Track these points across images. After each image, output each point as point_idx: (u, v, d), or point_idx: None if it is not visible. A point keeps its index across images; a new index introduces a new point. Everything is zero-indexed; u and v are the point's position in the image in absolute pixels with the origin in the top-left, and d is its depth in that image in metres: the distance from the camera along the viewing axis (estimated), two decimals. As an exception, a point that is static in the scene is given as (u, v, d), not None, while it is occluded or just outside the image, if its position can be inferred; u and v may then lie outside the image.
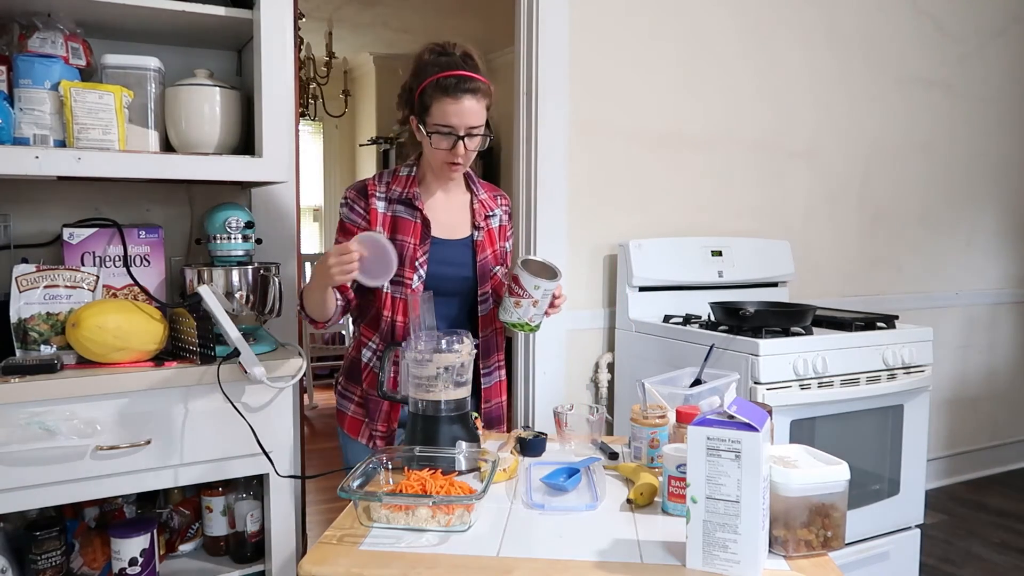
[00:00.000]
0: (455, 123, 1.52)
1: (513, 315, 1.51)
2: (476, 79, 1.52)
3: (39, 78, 1.52)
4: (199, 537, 1.80)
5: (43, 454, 1.43)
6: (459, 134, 1.52)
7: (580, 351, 2.67)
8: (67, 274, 1.60)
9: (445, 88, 1.50)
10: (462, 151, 1.54)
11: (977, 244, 3.58)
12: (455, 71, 1.51)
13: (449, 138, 1.53)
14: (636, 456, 1.40)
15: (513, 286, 1.50)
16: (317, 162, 6.96)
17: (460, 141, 1.53)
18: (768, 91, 2.96)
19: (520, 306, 1.50)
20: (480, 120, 1.54)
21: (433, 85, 1.52)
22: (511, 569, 1.01)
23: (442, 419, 1.37)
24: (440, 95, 1.51)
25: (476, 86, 1.52)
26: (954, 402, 3.56)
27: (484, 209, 1.71)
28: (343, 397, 1.73)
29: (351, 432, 1.70)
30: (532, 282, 1.48)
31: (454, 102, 1.50)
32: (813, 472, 1.04)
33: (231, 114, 1.73)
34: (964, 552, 2.89)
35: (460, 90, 1.50)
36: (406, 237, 1.60)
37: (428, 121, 1.54)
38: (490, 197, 1.74)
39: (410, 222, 1.61)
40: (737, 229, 2.92)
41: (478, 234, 1.68)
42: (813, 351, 2.15)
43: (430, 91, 1.52)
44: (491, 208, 1.72)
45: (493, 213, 1.73)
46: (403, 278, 1.59)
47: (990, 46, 3.50)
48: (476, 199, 1.71)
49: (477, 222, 1.68)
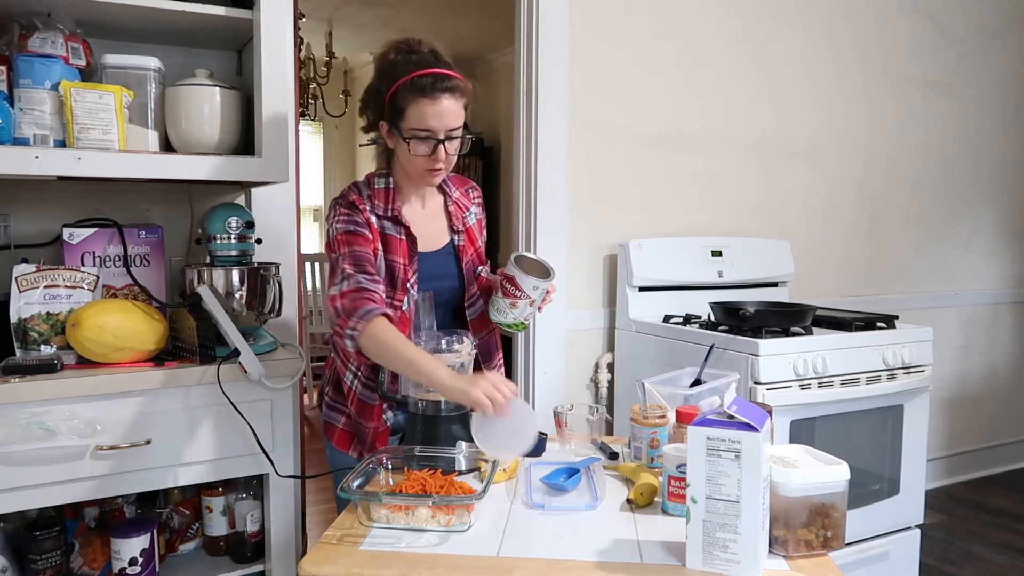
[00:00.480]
0: (434, 126, 1.40)
1: (508, 315, 1.48)
2: (453, 77, 1.41)
3: (39, 78, 1.52)
4: (199, 537, 1.80)
5: (43, 454, 1.43)
6: (439, 137, 1.41)
7: (580, 351, 2.67)
8: (67, 274, 1.60)
9: (421, 88, 1.38)
10: (443, 156, 1.42)
11: (977, 244, 3.58)
12: (430, 69, 1.40)
13: (428, 142, 1.41)
14: (636, 456, 1.40)
15: (508, 287, 1.46)
16: (317, 162, 6.96)
17: (440, 145, 1.41)
18: (768, 91, 2.96)
19: (516, 307, 1.47)
20: (459, 121, 1.43)
21: (407, 86, 1.39)
22: (511, 569, 1.01)
23: (442, 419, 1.37)
24: (416, 96, 1.39)
25: (454, 84, 1.41)
26: (954, 402, 3.56)
27: (460, 210, 1.60)
28: (331, 409, 1.62)
29: (340, 446, 1.59)
30: (531, 283, 1.45)
31: (432, 103, 1.38)
32: (813, 472, 1.04)
33: (231, 114, 1.72)
34: (964, 552, 2.89)
35: (437, 89, 1.38)
36: (396, 257, 1.49)
37: (403, 126, 1.42)
38: (462, 194, 1.63)
39: (397, 240, 1.50)
40: (737, 229, 2.92)
41: (458, 238, 1.58)
42: (813, 351, 2.15)
43: (404, 92, 1.40)
44: (466, 207, 1.62)
45: (468, 211, 1.62)
46: (393, 299, 1.49)
47: (990, 46, 3.50)
48: (450, 200, 1.60)
49: (455, 225, 1.58)
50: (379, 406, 1.52)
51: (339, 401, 1.61)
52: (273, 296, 1.77)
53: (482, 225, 1.68)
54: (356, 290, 1.38)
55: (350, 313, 1.35)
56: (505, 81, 5.51)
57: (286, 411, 1.67)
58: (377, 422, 1.52)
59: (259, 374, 1.58)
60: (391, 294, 1.49)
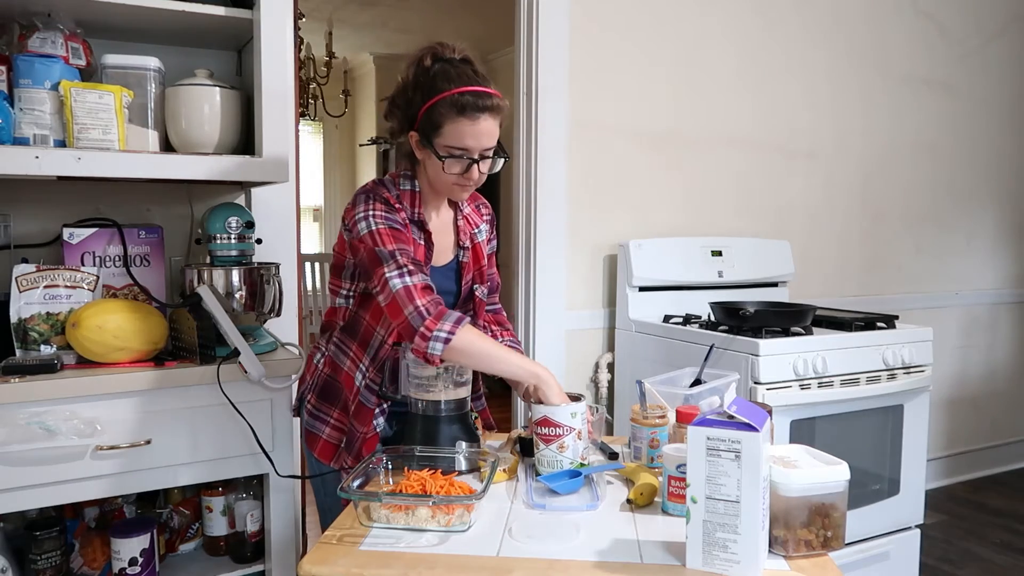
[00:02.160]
0: (471, 145, 1.35)
1: (564, 462, 1.30)
2: (494, 96, 1.36)
3: (39, 78, 1.52)
4: (199, 537, 1.80)
5: (43, 454, 1.43)
6: (474, 157, 1.37)
7: (580, 351, 2.67)
8: (67, 274, 1.60)
9: (462, 107, 1.33)
10: (476, 175, 1.39)
11: (977, 244, 3.58)
12: (472, 87, 1.34)
13: (462, 161, 1.37)
14: (636, 456, 1.40)
15: (545, 431, 1.30)
16: (317, 162, 6.96)
17: (475, 164, 1.38)
18: (768, 91, 2.96)
19: (565, 448, 1.29)
20: (495, 141, 1.39)
21: (446, 103, 1.34)
22: (511, 569, 1.01)
23: (442, 419, 1.37)
24: (455, 115, 1.33)
25: (495, 104, 1.36)
26: (954, 402, 3.56)
27: (469, 226, 1.56)
28: (314, 418, 1.55)
29: (323, 457, 1.52)
30: (566, 411, 1.29)
31: (471, 123, 1.34)
32: (813, 472, 1.04)
33: (231, 114, 1.72)
34: (964, 552, 2.89)
35: (478, 108, 1.34)
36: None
37: (438, 142, 1.37)
38: (473, 209, 1.59)
39: (417, 245, 1.46)
40: (737, 229, 2.92)
41: (463, 255, 1.54)
42: (813, 351, 2.15)
43: (443, 109, 1.34)
44: (476, 224, 1.58)
45: (478, 228, 1.59)
46: None
47: (990, 46, 3.50)
48: (460, 215, 1.55)
49: (462, 241, 1.54)
50: (372, 412, 1.49)
51: (322, 409, 1.55)
52: (273, 296, 1.77)
53: (489, 242, 1.62)
54: (424, 288, 1.33)
55: (439, 317, 1.30)
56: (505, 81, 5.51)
57: (286, 411, 1.67)
58: (367, 428, 1.50)
59: (259, 374, 1.58)
60: None
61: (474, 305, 1.59)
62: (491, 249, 1.63)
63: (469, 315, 1.55)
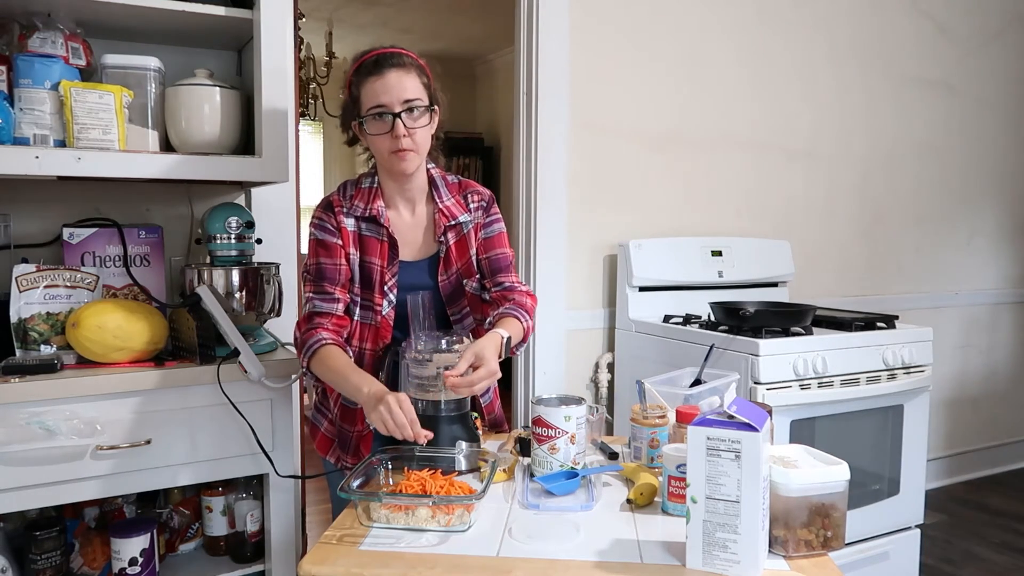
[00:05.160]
0: (385, 100, 1.38)
1: (554, 464, 1.29)
2: (400, 53, 1.41)
3: (39, 78, 1.52)
4: (199, 537, 1.80)
5: (43, 454, 1.43)
6: (393, 111, 1.38)
7: (580, 351, 2.67)
8: (67, 274, 1.60)
9: (368, 70, 1.40)
10: (402, 130, 1.38)
11: (977, 244, 3.58)
12: (374, 52, 1.42)
13: (384, 119, 1.39)
14: (636, 456, 1.40)
15: (539, 431, 1.30)
16: (317, 162, 6.95)
17: (397, 119, 1.38)
18: (768, 91, 2.96)
19: (557, 450, 1.29)
20: (416, 93, 1.40)
21: (356, 73, 1.42)
22: (511, 569, 1.01)
23: (442, 419, 1.37)
24: (364, 78, 1.40)
25: (401, 60, 1.40)
26: (954, 402, 3.56)
27: (445, 219, 1.51)
28: (317, 411, 1.64)
29: (320, 449, 1.62)
30: (560, 413, 1.28)
31: (379, 79, 1.38)
32: (813, 472, 1.04)
33: (231, 114, 1.72)
34: (964, 552, 2.89)
35: (383, 65, 1.39)
36: (373, 259, 1.49)
37: (362, 112, 1.42)
38: (457, 201, 1.54)
39: (376, 242, 1.49)
40: (737, 229, 2.92)
41: (442, 249, 1.52)
42: (813, 351, 2.15)
43: (355, 81, 1.42)
44: (453, 216, 1.52)
45: (458, 221, 1.53)
46: (372, 303, 1.49)
47: (990, 46, 3.50)
48: (437, 209, 1.53)
49: (439, 236, 1.52)
50: (357, 411, 1.50)
51: (324, 405, 1.62)
52: (273, 296, 1.77)
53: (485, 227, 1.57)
54: (307, 317, 1.47)
55: (300, 347, 1.46)
56: (505, 81, 5.51)
57: (286, 411, 1.67)
58: (361, 426, 1.51)
59: (259, 374, 1.58)
60: (368, 296, 1.49)
61: (468, 301, 1.57)
62: (489, 232, 1.58)
63: (464, 312, 1.56)
